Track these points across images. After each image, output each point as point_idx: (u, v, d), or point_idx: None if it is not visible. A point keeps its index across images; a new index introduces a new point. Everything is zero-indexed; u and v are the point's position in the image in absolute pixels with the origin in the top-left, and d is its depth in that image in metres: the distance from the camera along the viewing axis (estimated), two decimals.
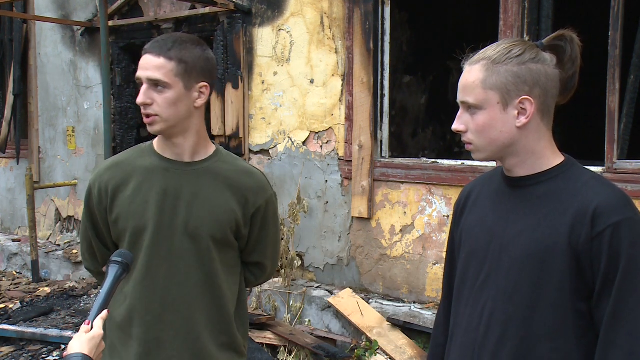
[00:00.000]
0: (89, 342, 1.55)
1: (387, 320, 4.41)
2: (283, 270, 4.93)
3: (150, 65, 1.80)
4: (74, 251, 6.54)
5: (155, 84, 1.80)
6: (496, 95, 1.51)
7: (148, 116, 1.84)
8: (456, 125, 1.59)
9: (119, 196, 1.92)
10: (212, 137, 5.67)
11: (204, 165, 1.94)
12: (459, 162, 4.49)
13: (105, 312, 1.62)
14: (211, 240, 1.92)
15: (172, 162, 1.93)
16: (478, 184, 1.76)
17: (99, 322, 1.60)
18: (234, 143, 5.39)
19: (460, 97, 1.57)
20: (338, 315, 4.62)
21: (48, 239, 7.05)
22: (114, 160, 2.00)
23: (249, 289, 2.26)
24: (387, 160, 4.77)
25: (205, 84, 1.87)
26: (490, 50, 1.54)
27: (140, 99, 1.82)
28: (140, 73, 1.83)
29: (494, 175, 1.71)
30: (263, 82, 5.26)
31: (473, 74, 1.53)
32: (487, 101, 1.52)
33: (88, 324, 1.59)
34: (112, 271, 1.68)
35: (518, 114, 1.52)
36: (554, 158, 1.57)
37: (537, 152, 1.55)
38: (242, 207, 1.95)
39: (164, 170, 1.92)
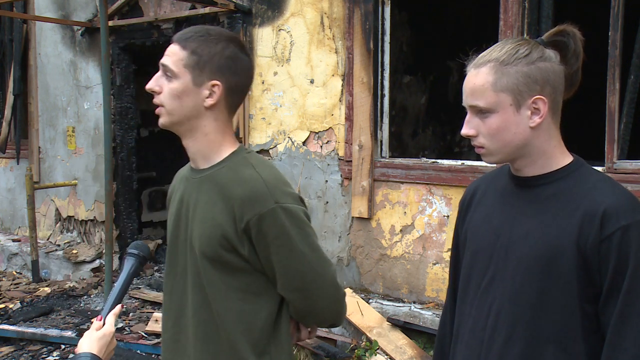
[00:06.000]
0: (99, 340, 1.50)
1: (387, 320, 4.40)
2: None
3: (168, 51, 1.68)
4: (74, 251, 6.54)
5: (165, 71, 1.68)
6: (508, 97, 1.48)
7: (156, 106, 1.71)
8: (466, 130, 1.54)
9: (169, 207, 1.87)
10: None
11: (208, 172, 1.72)
12: (459, 162, 4.49)
13: (118, 308, 1.57)
14: (204, 258, 1.68)
15: (191, 170, 1.79)
16: (483, 182, 1.74)
17: (111, 319, 1.54)
18: None
19: (468, 101, 1.52)
20: None
21: (48, 239, 7.05)
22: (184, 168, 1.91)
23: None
24: (387, 160, 4.77)
25: (218, 83, 1.66)
26: (496, 52, 1.50)
27: (148, 84, 1.69)
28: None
29: (500, 173, 1.68)
30: (263, 82, 5.26)
31: (481, 77, 1.49)
32: (499, 104, 1.48)
33: (100, 320, 1.53)
34: (127, 264, 1.62)
35: (531, 114, 1.49)
36: (563, 158, 1.55)
37: (547, 152, 1.53)
38: (232, 221, 1.64)
39: (185, 179, 1.81)
